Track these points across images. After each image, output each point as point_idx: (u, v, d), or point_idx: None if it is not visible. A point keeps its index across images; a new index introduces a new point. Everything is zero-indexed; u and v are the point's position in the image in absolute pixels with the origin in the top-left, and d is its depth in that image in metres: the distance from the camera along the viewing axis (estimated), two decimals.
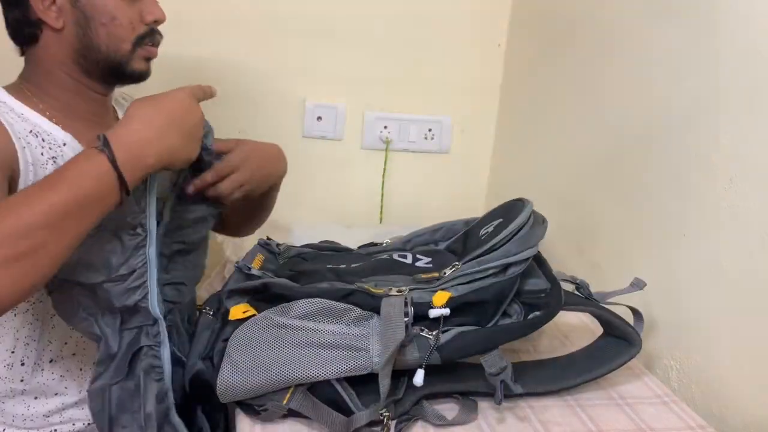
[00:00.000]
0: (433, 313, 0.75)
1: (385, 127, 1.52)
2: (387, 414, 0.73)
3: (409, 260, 0.93)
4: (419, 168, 1.57)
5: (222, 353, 0.76)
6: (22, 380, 0.89)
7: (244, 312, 0.78)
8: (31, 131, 0.84)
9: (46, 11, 0.85)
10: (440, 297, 0.76)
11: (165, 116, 0.76)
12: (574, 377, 0.85)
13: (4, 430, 0.89)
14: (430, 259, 0.93)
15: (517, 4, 1.49)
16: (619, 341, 0.87)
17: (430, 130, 1.54)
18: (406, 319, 0.74)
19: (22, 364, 0.88)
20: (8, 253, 0.64)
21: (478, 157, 1.61)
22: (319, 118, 1.49)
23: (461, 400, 0.81)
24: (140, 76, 0.92)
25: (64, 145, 0.87)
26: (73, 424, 0.93)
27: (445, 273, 0.82)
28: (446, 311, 0.76)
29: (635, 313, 0.89)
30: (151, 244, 0.79)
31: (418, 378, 0.73)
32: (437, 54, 1.50)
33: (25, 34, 0.87)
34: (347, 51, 1.47)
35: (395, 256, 0.94)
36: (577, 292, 0.90)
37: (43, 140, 0.85)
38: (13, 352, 0.88)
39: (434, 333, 0.75)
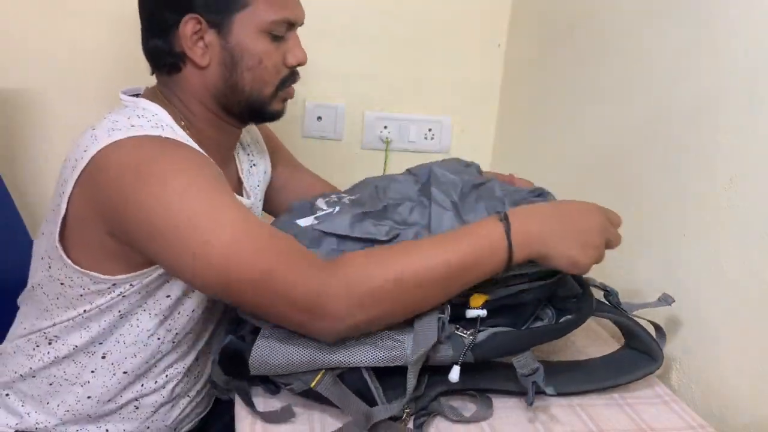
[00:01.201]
0: (470, 313, 0.76)
1: (385, 127, 1.52)
2: (407, 410, 0.74)
3: None
4: None
5: (252, 332, 0.78)
6: (93, 372, 0.87)
7: None
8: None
9: (193, 47, 0.84)
10: (477, 299, 0.77)
11: (562, 217, 0.77)
12: (597, 382, 0.85)
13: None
14: None
15: (517, 4, 1.49)
16: (640, 354, 0.87)
17: (430, 130, 1.55)
18: (441, 316, 0.75)
19: (103, 357, 0.86)
20: (403, 299, 0.72)
21: (478, 157, 1.60)
22: (319, 118, 1.49)
23: (478, 397, 0.81)
24: (276, 117, 0.93)
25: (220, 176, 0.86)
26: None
27: None
28: (483, 312, 0.76)
29: (658, 329, 0.89)
30: None
31: (454, 374, 0.74)
32: (437, 54, 1.50)
33: (166, 62, 0.86)
34: (347, 51, 1.47)
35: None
36: (605, 300, 0.90)
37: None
38: (101, 343, 0.86)
39: (469, 332, 0.76)
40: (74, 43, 1.31)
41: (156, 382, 0.91)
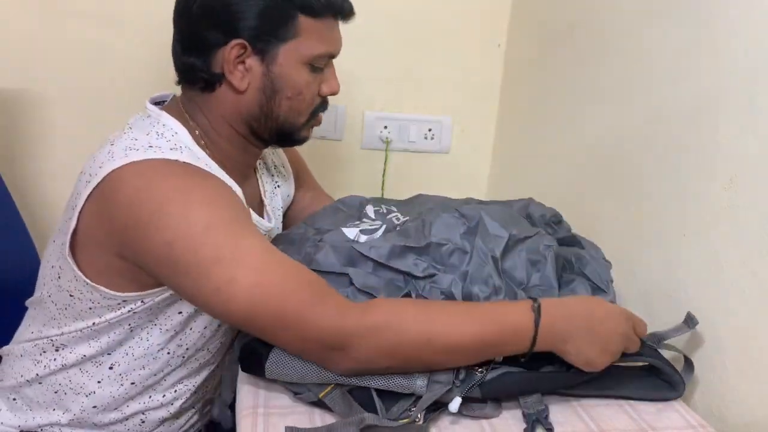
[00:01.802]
0: None
1: (385, 127, 1.52)
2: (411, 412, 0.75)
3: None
4: (419, 168, 1.57)
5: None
6: (99, 383, 0.87)
7: None
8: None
9: (234, 71, 0.83)
10: None
11: (590, 321, 0.78)
12: (607, 390, 0.85)
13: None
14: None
15: (517, 4, 1.49)
16: (662, 381, 0.86)
17: (430, 130, 1.55)
18: (456, 382, 0.76)
19: (110, 368, 0.86)
20: (426, 361, 0.73)
21: (478, 157, 1.61)
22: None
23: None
24: (302, 142, 0.94)
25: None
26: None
27: None
28: (499, 357, 0.77)
29: (687, 361, 0.88)
30: None
31: (454, 405, 0.75)
32: (437, 54, 1.50)
33: (200, 80, 0.85)
34: (347, 51, 1.46)
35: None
36: None
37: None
38: (109, 354, 0.86)
39: (479, 370, 0.77)
40: (75, 44, 1.30)
41: (164, 396, 0.90)
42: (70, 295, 0.82)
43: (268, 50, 0.83)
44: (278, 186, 1.06)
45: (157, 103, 0.90)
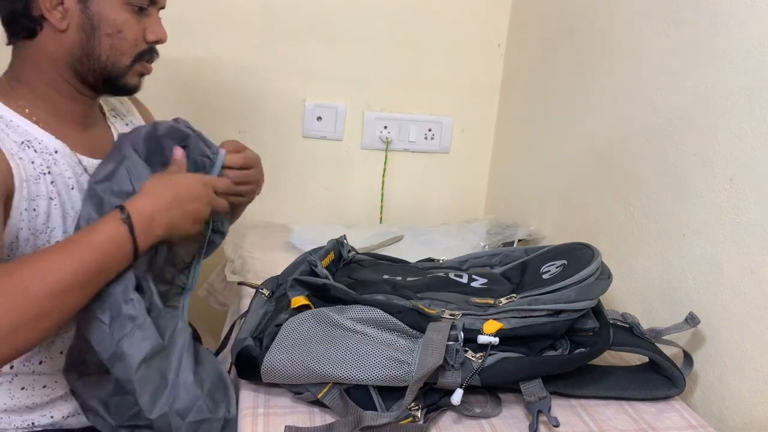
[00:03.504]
0: (482, 339, 0.77)
1: (385, 127, 1.52)
2: (412, 410, 0.75)
3: (464, 280, 0.94)
4: (419, 168, 1.58)
5: (273, 336, 0.79)
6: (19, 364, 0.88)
7: (302, 304, 0.82)
8: (22, 142, 0.83)
9: (52, 10, 0.84)
10: (491, 325, 0.78)
11: (172, 195, 0.83)
12: (607, 390, 0.85)
13: None
14: (485, 281, 0.93)
15: (517, 4, 1.49)
16: (662, 378, 0.87)
17: (430, 130, 1.55)
18: (450, 343, 0.75)
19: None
20: (37, 312, 0.70)
21: (478, 157, 1.61)
22: (319, 118, 1.49)
23: (487, 394, 0.82)
24: (131, 91, 0.93)
25: (56, 152, 0.86)
26: (52, 416, 0.92)
27: (500, 302, 0.83)
28: (495, 340, 0.77)
29: (686, 356, 0.88)
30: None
31: (456, 397, 0.75)
32: (437, 54, 1.51)
33: (22, 26, 0.86)
34: (347, 51, 1.47)
35: (451, 275, 0.95)
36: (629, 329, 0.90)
37: (35, 151, 0.84)
38: None
39: (477, 356, 0.77)
40: None
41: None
42: None
43: None
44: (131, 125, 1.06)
45: None
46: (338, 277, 0.93)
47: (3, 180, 0.78)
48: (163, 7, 0.92)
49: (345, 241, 1.03)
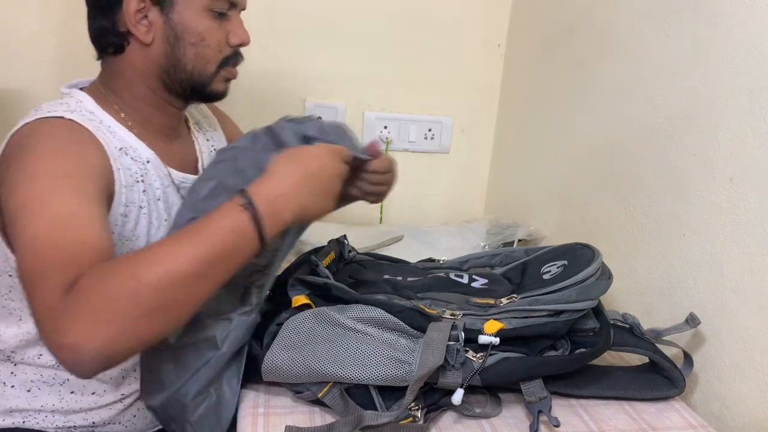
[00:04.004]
0: (483, 339, 0.77)
1: (385, 127, 1.52)
2: (412, 410, 0.75)
3: (465, 280, 0.94)
4: (419, 168, 1.58)
5: (273, 335, 0.79)
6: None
7: (303, 303, 0.82)
8: (121, 148, 0.84)
9: (137, 25, 0.84)
10: (492, 325, 0.78)
11: (300, 172, 0.76)
12: (607, 390, 0.85)
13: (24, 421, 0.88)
14: (486, 281, 0.93)
15: (517, 4, 1.49)
16: (662, 378, 0.87)
17: (430, 130, 1.55)
18: (450, 343, 0.75)
19: None
20: (152, 304, 0.63)
21: (478, 157, 1.61)
22: (319, 118, 1.48)
23: (487, 394, 0.83)
24: (218, 97, 0.93)
25: (148, 162, 0.87)
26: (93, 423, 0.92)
27: (501, 302, 0.83)
28: (496, 340, 0.77)
29: (686, 357, 0.88)
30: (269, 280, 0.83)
31: (457, 397, 0.75)
32: (437, 54, 1.51)
33: (110, 42, 0.87)
34: (347, 51, 1.47)
35: (451, 275, 0.95)
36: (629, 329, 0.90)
37: (131, 159, 0.85)
38: None
39: (478, 356, 0.77)
40: (75, 44, 1.30)
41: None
42: (9, 275, 0.83)
43: None
44: (214, 148, 1.06)
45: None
46: (339, 277, 0.93)
47: (107, 182, 0.79)
48: (243, 8, 0.92)
49: (345, 240, 1.03)
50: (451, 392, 0.76)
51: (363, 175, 0.90)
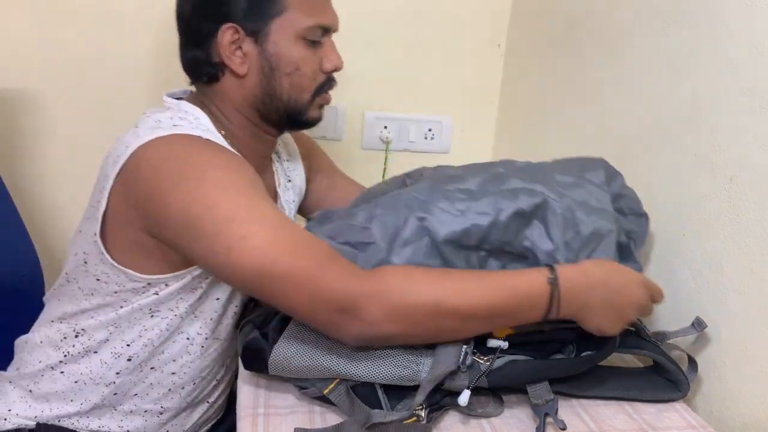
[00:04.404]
0: (492, 343, 0.78)
1: (385, 127, 1.52)
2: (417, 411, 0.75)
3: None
4: None
5: (277, 331, 0.79)
6: (118, 374, 0.87)
7: None
8: None
9: (231, 56, 0.84)
10: (502, 330, 0.78)
11: (603, 278, 0.77)
12: (610, 391, 0.85)
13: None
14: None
15: (517, 4, 1.49)
16: (665, 381, 0.87)
17: (430, 130, 1.55)
18: (466, 346, 0.76)
19: (129, 360, 0.87)
20: (436, 326, 0.73)
21: (478, 157, 1.60)
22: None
23: (490, 394, 0.82)
24: (313, 123, 0.93)
25: None
26: None
27: None
28: (505, 344, 0.77)
29: (691, 361, 0.88)
30: None
31: (464, 398, 0.75)
32: (437, 54, 1.51)
33: (204, 72, 0.87)
34: (347, 51, 1.46)
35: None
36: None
37: None
38: (129, 345, 0.86)
39: (485, 359, 0.77)
40: (75, 44, 1.30)
41: (183, 388, 0.91)
42: (97, 279, 0.83)
43: (260, 29, 0.84)
44: (290, 180, 1.06)
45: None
46: None
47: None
48: (336, 31, 0.92)
49: None
50: (454, 392, 0.76)
51: None
